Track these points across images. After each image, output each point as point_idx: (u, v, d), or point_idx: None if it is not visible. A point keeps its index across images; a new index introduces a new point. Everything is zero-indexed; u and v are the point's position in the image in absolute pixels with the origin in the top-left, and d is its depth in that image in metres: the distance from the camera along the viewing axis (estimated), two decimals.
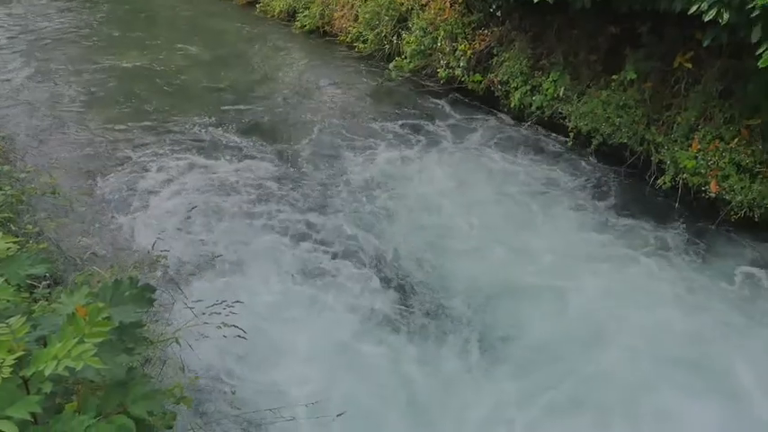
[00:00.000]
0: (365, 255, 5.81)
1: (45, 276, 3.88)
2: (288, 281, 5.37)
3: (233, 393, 3.88)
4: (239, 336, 3.72)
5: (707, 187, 6.20)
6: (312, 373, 4.42)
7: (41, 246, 4.14)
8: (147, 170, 7.06)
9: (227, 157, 7.43)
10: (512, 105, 8.27)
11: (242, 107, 8.82)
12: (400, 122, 8.36)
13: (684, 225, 6.20)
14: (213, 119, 8.38)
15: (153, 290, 2.66)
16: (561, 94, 7.75)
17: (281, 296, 5.17)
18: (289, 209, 6.46)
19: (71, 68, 10.03)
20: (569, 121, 7.58)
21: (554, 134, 7.89)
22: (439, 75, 9.08)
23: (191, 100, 8.99)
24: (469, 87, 8.80)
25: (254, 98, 9.14)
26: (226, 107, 8.78)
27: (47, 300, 3.13)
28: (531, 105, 8.05)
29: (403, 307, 5.20)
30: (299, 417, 3.86)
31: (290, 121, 8.49)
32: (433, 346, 4.80)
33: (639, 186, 6.84)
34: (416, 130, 8.18)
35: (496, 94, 8.54)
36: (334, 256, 5.76)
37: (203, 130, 8.10)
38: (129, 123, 8.20)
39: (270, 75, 10.06)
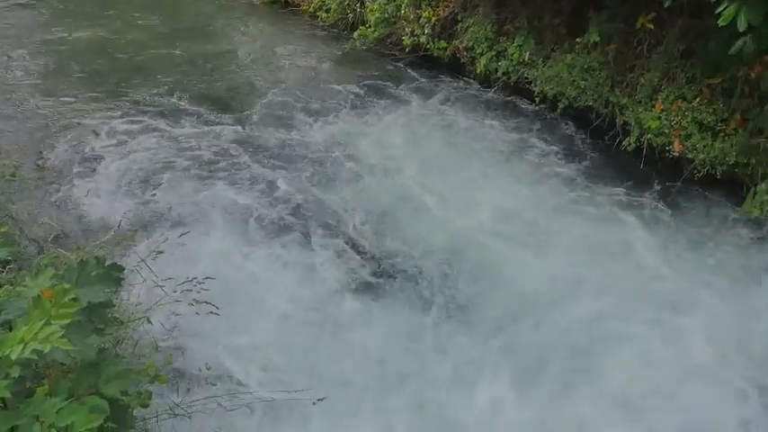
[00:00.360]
0: (329, 217, 5.86)
1: (9, 261, 3.79)
2: (254, 245, 5.42)
3: (208, 369, 3.86)
4: (212, 312, 3.69)
5: (671, 147, 6.29)
6: (285, 339, 4.48)
7: (2, 229, 4.03)
8: (105, 143, 6.92)
9: (189, 126, 7.34)
10: (478, 71, 8.24)
11: (201, 76, 8.67)
12: (365, 90, 8.30)
13: (650, 184, 6.31)
14: (172, 89, 8.21)
15: (121, 269, 2.61)
16: (526, 58, 7.75)
17: (249, 262, 5.22)
18: (252, 171, 6.49)
19: (23, 41, 9.67)
20: (535, 85, 7.59)
21: (520, 99, 7.90)
22: (404, 43, 8.98)
23: (148, 71, 8.76)
24: (435, 55, 8.73)
25: (214, 67, 8.96)
26: (185, 77, 8.60)
27: (11, 284, 3.06)
28: (496, 71, 8.03)
29: (368, 268, 5.27)
30: (271, 387, 3.88)
31: (250, 89, 8.39)
32: (400, 307, 4.88)
33: (605, 148, 6.91)
34: (381, 96, 8.13)
35: (462, 60, 8.50)
36: (298, 218, 5.82)
37: (162, 101, 7.94)
38: (85, 97, 7.98)
39: (230, 45, 9.85)
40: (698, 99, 6.25)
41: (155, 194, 6.02)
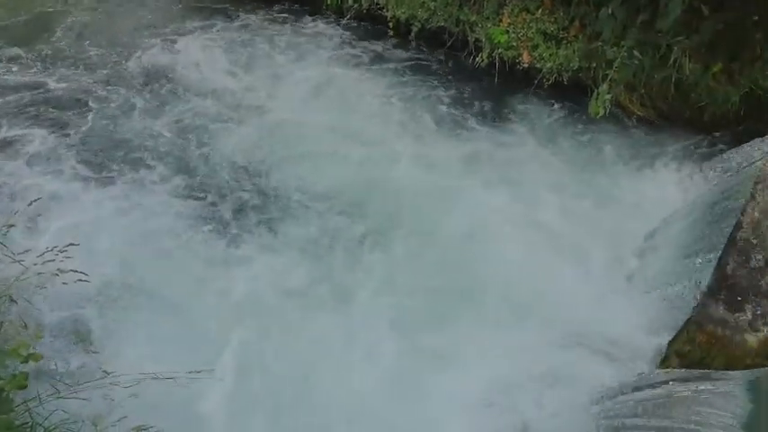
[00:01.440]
0: (157, 144, 5.87)
1: None
2: (95, 196, 5.29)
3: (88, 340, 3.69)
4: (81, 279, 3.48)
5: (520, 59, 6.58)
6: (156, 294, 4.41)
7: None
8: None
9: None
10: (329, 2, 8.07)
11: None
12: (201, 25, 7.94)
13: (503, 96, 6.62)
14: None
15: None
16: None
17: (90, 210, 5.11)
18: (67, 108, 6.26)
19: None
20: (387, 10, 7.57)
21: (375, 25, 7.86)
22: None
23: None
24: None
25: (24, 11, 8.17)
26: None
27: None
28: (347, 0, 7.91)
29: (212, 189, 5.43)
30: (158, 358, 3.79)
31: (69, 31, 7.75)
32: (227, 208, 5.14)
33: (461, 66, 7.11)
34: (217, 30, 7.84)
35: None
36: (127, 151, 5.79)
37: None
38: None
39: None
40: (540, 10, 6.53)
41: None
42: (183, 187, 5.42)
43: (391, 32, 7.60)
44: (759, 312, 3.28)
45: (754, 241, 3.17)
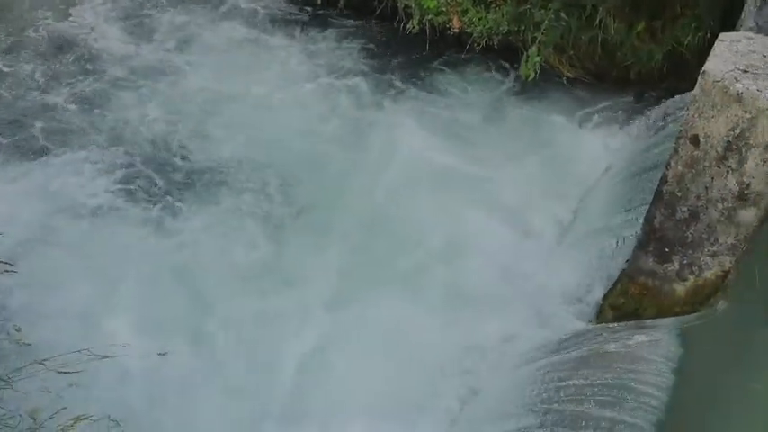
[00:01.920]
0: (71, 116, 5.69)
1: None
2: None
3: (18, 330, 3.53)
4: (7, 270, 3.33)
5: (451, 24, 6.57)
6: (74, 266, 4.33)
7: None
8: None
9: None
10: None
11: None
12: None
13: (435, 61, 6.61)
14: None
15: None
16: None
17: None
18: None
19: None
20: None
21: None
22: None
23: None
24: None
25: None
26: None
27: None
28: None
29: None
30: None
31: None
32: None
33: (392, 33, 6.98)
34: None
35: None
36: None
37: None
38: None
39: None
40: None
41: None
42: (98, 160, 5.26)
43: (319, 2, 7.45)
44: (686, 262, 3.42)
45: (679, 194, 3.28)
